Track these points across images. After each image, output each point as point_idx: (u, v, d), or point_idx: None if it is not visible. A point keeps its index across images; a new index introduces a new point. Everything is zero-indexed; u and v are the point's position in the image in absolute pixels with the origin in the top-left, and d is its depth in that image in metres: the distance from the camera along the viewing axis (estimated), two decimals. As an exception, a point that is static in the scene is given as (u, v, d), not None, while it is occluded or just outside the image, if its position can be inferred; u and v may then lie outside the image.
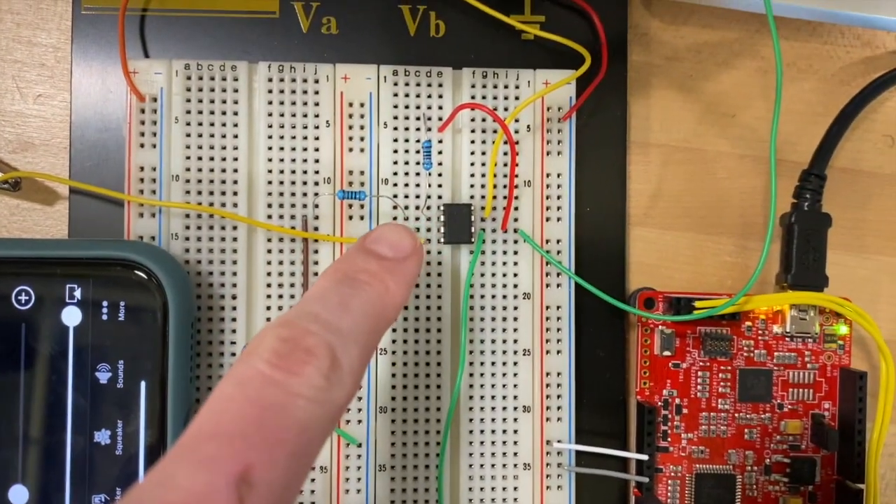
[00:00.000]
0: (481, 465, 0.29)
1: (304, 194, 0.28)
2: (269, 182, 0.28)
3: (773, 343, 0.30)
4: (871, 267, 0.32)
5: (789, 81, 0.32)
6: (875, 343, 0.30)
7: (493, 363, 0.29)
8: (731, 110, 0.32)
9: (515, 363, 0.29)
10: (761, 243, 0.31)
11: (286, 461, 0.18)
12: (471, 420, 0.29)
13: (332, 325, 0.20)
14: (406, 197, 0.29)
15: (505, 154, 0.29)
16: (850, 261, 0.32)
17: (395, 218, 0.29)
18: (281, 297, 0.28)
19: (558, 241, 0.29)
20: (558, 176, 0.29)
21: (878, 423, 0.29)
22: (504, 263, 0.29)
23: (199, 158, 0.28)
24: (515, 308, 0.29)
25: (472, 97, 0.29)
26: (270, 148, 0.28)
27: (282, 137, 0.28)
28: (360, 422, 0.28)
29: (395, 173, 0.29)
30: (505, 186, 0.29)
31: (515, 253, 0.29)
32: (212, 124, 0.28)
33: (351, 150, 0.28)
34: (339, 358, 0.19)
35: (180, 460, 0.17)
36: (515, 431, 0.29)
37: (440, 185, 0.29)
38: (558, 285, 0.29)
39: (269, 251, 0.28)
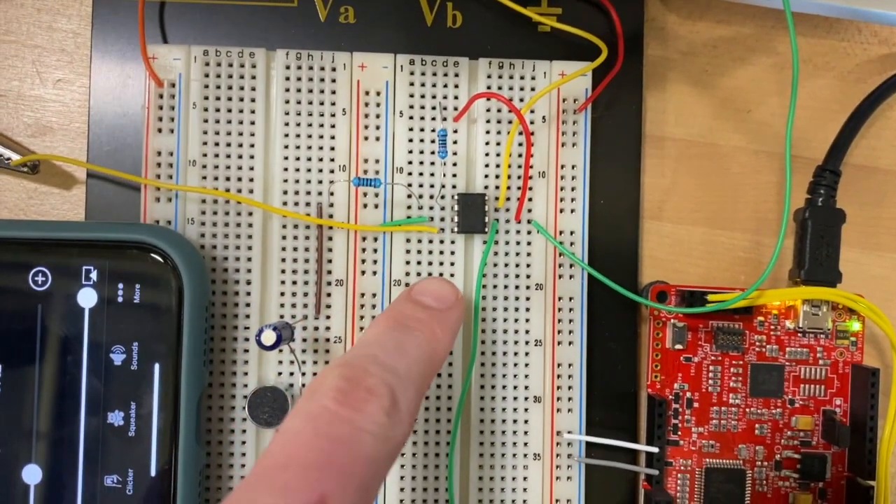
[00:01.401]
0: (491, 455, 0.29)
1: (320, 181, 0.28)
2: (285, 168, 0.28)
3: (785, 338, 0.30)
4: (886, 265, 0.32)
5: (805, 78, 0.32)
6: (888, 340, 0.30)
7: (504, 353, 0.29)
8: (747, 105, 0.32)
9: (527, 353, 0.29)
10: (775, 239, 0.31)
11: (356, 493, 0.19)
12: (482, 409, 0.29)
13: (390, 367, 0.21)
14: (420, 186, 0.29)
15: (520, 145, 0.29)
16: (864, 258, 0.32)
17: (409, 207, 0.29)
18: (295, 282, 0.28)
19: (572, 233, 0.29)
20: (573, 168, 0.29)
21: (890, 420, 0.29)
22: (517, 254, 0.29)
23: (216, 144, 0.28)
24: (528, 298, 0.29)
25: (488, 87, 0.29)
26: (287, 135, 0.28)
27: (298, 125, 0.28)
28: (371, 409, 0.28)
29: (410, 162, 0.29)
30: (519, 177, 0.29)
31: (529, 243, 0.29)
32: (229, 110, 0.28)
33: (366, 138, 0.29)
34: (398, 397, 0.21)
35: (258, 488, 0.18)
36: (526, 422, 0.29)
37: (455, 175, 0.29)
38: (571, 276, 0.29)
39: (284, 237, 0.28)
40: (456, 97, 0.29)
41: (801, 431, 0.30)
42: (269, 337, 0.25)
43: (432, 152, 0.29)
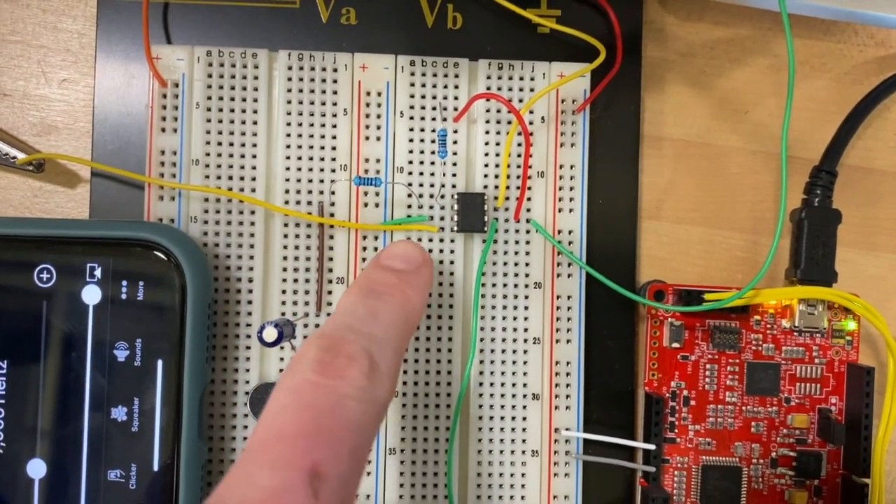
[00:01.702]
0: (490, 451, 0.29)
1: (321, 181, 0.29)
2: (287, 168, 0.29)
3: (781, 337, 0.30)
4: (881, 264, 0.32)
5: (802, 79, 0.32)
6: (883, 339, 0.30)
7: (503, 351, 0.29)
8: (744, 106, 0.32)
9: (525, 351, 0.29)
10: (771, 238, 0.31)
11: (347, 456, 0.19)
12: (480, 406, 0.29)
13: (366, 333, 0.22)
14: (420, 185, 0.29)
15: (519, 145, 0.29)
16: (860, 258, 0.32)
17: (409, 206, 0.29)
18: (296, 280, 0.28)
19: (570, 232, 0.30)
20: (571, 167, 0.30)
21: (885, 418, 0.30)
22: (516, 253, 0.29)
23: (219, 143, 0.28)
24: (526, 297, 0.29)
25: (488, 88, 0.29)
26: (289, 134, 0.29)
27: (300, 124, 0.29)
28: (371, 405, 0.29)
29: (411, 162, 0.29)
30: (518, 177, 0.29)
31: (527, 242, 0.29)
32: (232, 110, 0.29)
33: (367, 138, 0.29)
34: (377, 360, 0.21)
35: (253, 462, 0.19)
36: (524, 419, 0.29)
37: (454, 174, 0.29)
38: (569, 275, 0.30)
39: (286, 235, 0.29)
40: (456, 98, 0.29)
41: (796, 429, 0.30)
42: (270, 334, 0.25)
43: (432, 152, 0.29)
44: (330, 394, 0.20)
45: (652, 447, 0.29)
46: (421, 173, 0.29)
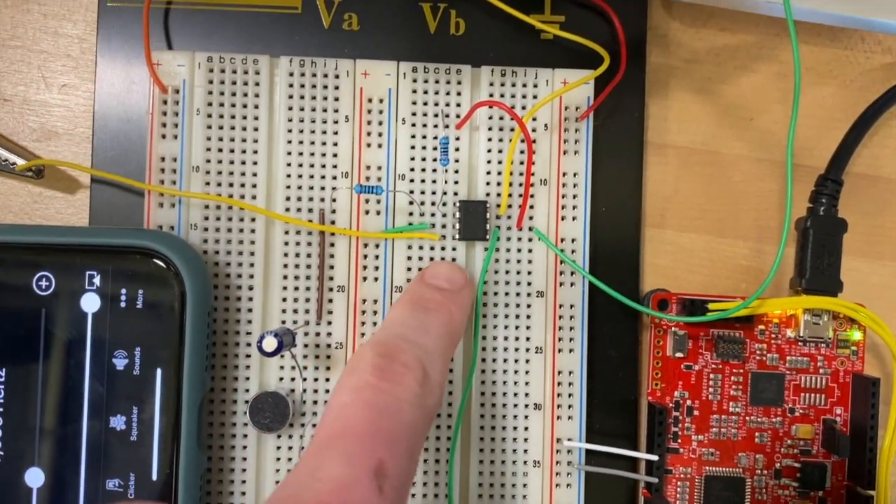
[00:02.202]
0: (491, 461, 0.29)
1: (322, 188, 0.28)
2: (288, 175, 0.28)
3: (785, 347, 0.30)
4: (887, 273, 0.32)
5: (808, 86, 0.32)
6: (889, 350, 0.30)
7: (505, 360, 0.29)
8: (749, 114, 0.32)
9: (528, 361, 0.29)
10: (776, 247, 0.31)
11: (404, 457, 0.21)
12: (482, 416, 0.29)
13: (418, 344, 0.23)
14: (422, 192, 0.29)
15: (522, 152, 0.29)
16: (866, 267, 0.32)
17: (410, 213, 0.29)
18: (297, 288, 0.28)
19: (573, 241, 0.29)
20: (574, 175, 0.29)
21: (891, 429, 0.29)
22: (518, 261, 0.29)
23: (220, 150, 0.28)
24: (529, 306, 0.29)
25: (491, 95, 0.29)
26: (290, 141, 0.28)
27: (301, 131, 0.28)
28: (371, 415, 0.28)
29: (413, 169, 0.29)
30: (521, 184, 0.29)
31: (530, 251, 0.29)
32: (233, 117, 0.28)
33: (369, 145, 0.29)
34: (428, 370, 0.23)
35: (323, 455, 0.20)
36: (526, 429, 0.29)
37: (456, 182, 0.29)
38: (572, 284, 0.29)
39: (287, 243, 0.28)
40: (458, 104, 0.29)
41: (801, 440, 0.30)
42: (270, 343, 0.25)
43: (434, 159, 0.29)
44: (389, 397, 0.21)
45: (655, 458, 0.29)
46: (423, 180, 0.29)
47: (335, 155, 0.29)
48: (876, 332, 0.29)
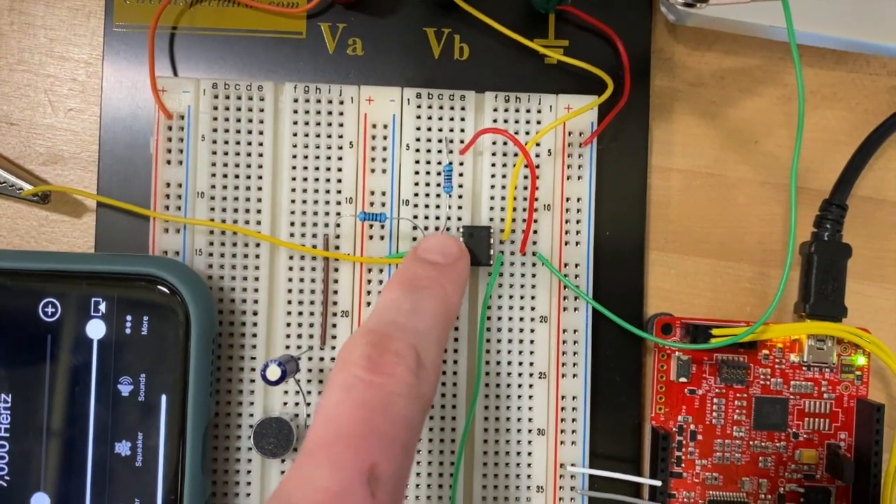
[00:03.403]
0: (495, 486, 0.29)
1: (326, 213, 0.29)
2: (292, 201, 0.28)
3: (789, 372, 0.30)
4: (892, 297, 0.32)
5: (813, 109, 0.32)
6: (893, 375, 0.30)
7: (508, 385, 0.29)
8: (754, 137, 0.32)
9: (531, 385, 0.29)
10: (781, 271, 0.31)
11: (400, 454, 0.20)
12: (485, 441, 0.29)
13: (411, 328, 0.23)
14: (426, 218, 0.29)
15: (525, 177, 0.29)
16: (871, 291, 0.32)
17: (414, 238, 0.29)
18: (301, 313, 0.28)
19: (577, 265, 0.29)
20: (578, 200, 0.29)
21: (895, 454, 0.29)
22: (522, 286, 0.29)
23: (225, 176, 0.28)
24: (532, 331, 0.29)
25: (495, 121, 0.29)
26: (294, 167, 0.28)
27: (306, 157, 0.29)
28: (375, 440, 0.28)
29: (416, 195, 0.29)
30: (525, 209, 0.29)
31: (533, 276, 0.29)
32: (237, 143, 0.28)
33: (373, 171, 0.29)
34: (422, 356, 0.22)
35: (313, 462, 0.20)
36: (529, 454, 0.29)
37: (460, 207, 0.29)
38: (576, 309, 0.29)
39: (291, 269, 0.28)
40: (462, 130, 0.29)
41: (805, 465, 0.30)
42: (273, 372, 0.25)
43: (438, 185, 0.29)
44: (380, 392, 0.21)
45: (658, 483, 0.29)
46: (427, 206, 0.29)
47: (339, 181, 0.29)
48: (880, 357, 0.29)
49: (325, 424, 0.20)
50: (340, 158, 0.29)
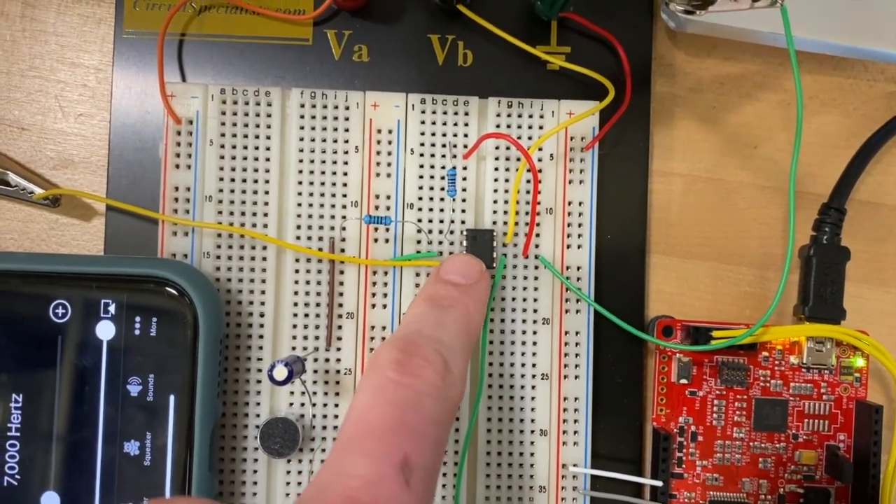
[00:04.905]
0: (497, 487, 0.29)
1: (332, 217, 0.29)
2: (299, 204, 0.29)
3: (789, 374, 0.30)
4: (890, 300, 0.32)
5: (812, 114, 0.32)
6: (892, 377, 0.30)
7: (511, 387, 0.29)
8: (753, 142, 0.32)
9: (534, 387, 0.29)
10: (780, 274, 0.31)
11: (430, 450, 0.21)
12: (488, 442, 0.29)
13: (437, 339, 0.24)
14: (430, 221, 0.29)
15: (528, 181, 0.29)
16: (869, 293, 0.32)
17: (419, 241, 0.29)
18: (307, 315, 0.29)
19: (578, 268, 0.30)
20: (580, 204, 0.30)
21: (894, 456, 0.30)
22: (524, 289, 0.30)
23: (232, 180, 0.29)
24: (535, 333, 0.29)
25: (498, 126, 0.29)
26: (301, 171, 0.29)
27: (312, 161, 0.29)
28: (380, 440, 0.29)
29: (421, 198, 0.29)
30: (527, 213, 0.30)
31: (536, 279, 0.30)
32: (245, 147, 0.29)
33: (378, 175, 0.29)
34: (449, 363, 0.23)
35: (348, 454, 0.20)
36: (532, 454, 0.29)
37: (464, 211, 0.29)
38: (577, 311, 0.30)
39: (297, 271, 0.29)
40: (466, 135, 0.29)
41: (804, 466, 0.30)
42: (280, 372, 0.25)
43: (442, 188, 0.29)
44: (410, 391, 0.22)
45: (659, 483, 0.29)
46: (431, 209, 0.29)
47: (345, 185, 0.29)
48: (879, 359, 0.30)
49: (357, 422, 0.21)
50: (346, 163, 0.29)
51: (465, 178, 0.29)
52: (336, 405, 0.29)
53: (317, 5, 0.30)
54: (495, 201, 0.29)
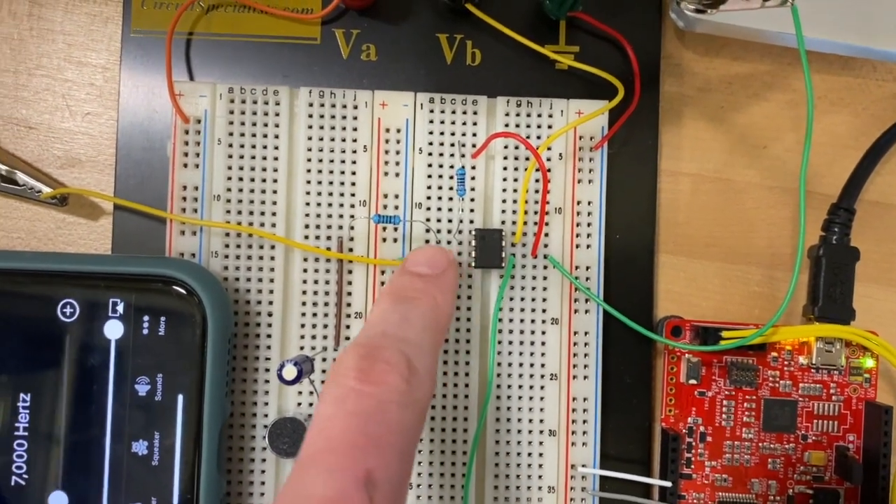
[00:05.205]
0: (506, 487, 0.29)
1: (341, 216, 0.29)
2: (307, 203, 0.29)
3: (798, 374, 0.30)
4: (900, 300, 0.32)
5: (821, 114, 0.32)
6: (902, 377, 0.30)
7: (520, 387, 0.29)
8: (762, 142, 0.32)
9: (542, 387, 0.29)
10: (789, 274, 0.31)
11: (397, 460, 0.20)
12: (497, 442, 0.29)
13: (401, 337, 0.23)
14: (439, 221, 0.29)
15: (537, 181, 0.29)
16: (879, 293, 0.32)
17: (427, 241, 0.29)
18: (315, 314, 0.29)
19: (587, 268, 0.30)
20: (589, 203, 0.30)
21: (904, 457, 0.30)
22: (533, 288, 0.29)
23: (240, 179, 0.29)
24: (544, 333, 0.29)
25: (506, 125, 0.29)
26: (309, 171, 0.29)
27: (320, 161, 0.29)
28: (388, 440, 0.29)
29: (429, 198, 0.29)
30: (536, 213, 0.29)
31: (545, 278, 0.29)
32: (253, 147, 0.29)
33: (386, 174, 0.29)
34: (414, 363, 0.22)
35: (308, 474, 0.19)
36: (541, 455, 0.29)
37: (472, 210, 0.29)
38: (587, 311, 0.30)
39: (305, 270, 0.29)
40: (475, 134, 0.29)
41: (813, 467, 0.30)
42: (290, 372, 0.25)
43: (451, 188, 0.29)
44: (373, 400, 0.21)
45: (668, 484, 0.29)
46: (439, 209, 0.29)
47: (353, 184, 0.29)
48: (888, 359, 0.30)
49: (318, 436, 0.20)
50: (354, 162, 0.29)
51: (473, 178, 0.29)
52: (344, 405, 0.29)
53: (325, 4, 0.30)
54: (504, 201, 0.29)
